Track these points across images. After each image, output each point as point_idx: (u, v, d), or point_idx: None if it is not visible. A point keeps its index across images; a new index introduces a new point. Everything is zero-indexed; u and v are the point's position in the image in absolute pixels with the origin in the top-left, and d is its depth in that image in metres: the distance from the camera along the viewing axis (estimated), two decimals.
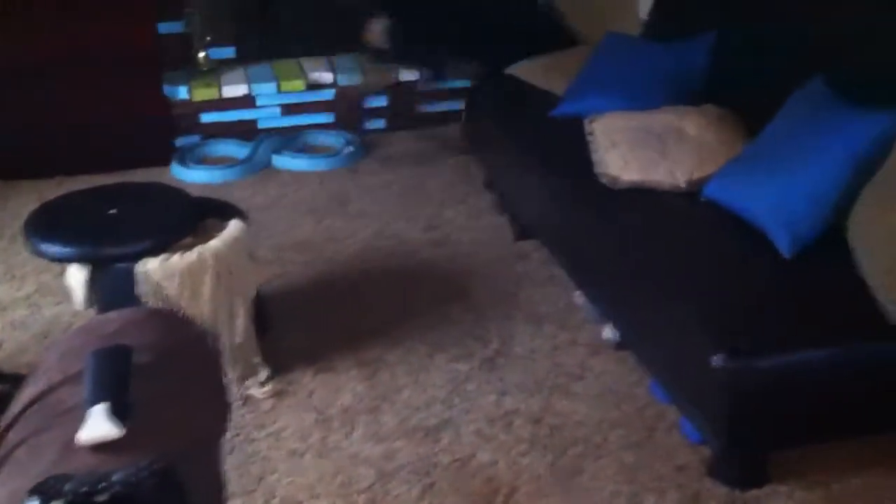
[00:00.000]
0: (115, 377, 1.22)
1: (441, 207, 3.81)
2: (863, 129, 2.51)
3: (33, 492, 1.02)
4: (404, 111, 4.47)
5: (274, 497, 2.37)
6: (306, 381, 2.79)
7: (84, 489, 0.99)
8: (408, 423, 2.62)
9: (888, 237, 2.33)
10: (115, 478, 1.00)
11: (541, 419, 2.62)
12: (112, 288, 2.63)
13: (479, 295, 3.21)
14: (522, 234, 3.50)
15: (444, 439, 2.55)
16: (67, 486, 1.00)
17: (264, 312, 2.92)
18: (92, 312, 2.76)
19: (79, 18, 3.86)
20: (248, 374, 2.73)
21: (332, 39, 4.50)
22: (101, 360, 1.25)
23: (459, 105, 4.22)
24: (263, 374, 2.76)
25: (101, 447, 1.13)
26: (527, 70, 3.78)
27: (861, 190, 2.47)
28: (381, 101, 4.43)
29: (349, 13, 4.50)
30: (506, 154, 3.51)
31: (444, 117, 4.44)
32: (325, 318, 3.10)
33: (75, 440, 1.14)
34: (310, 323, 3.07)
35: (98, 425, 1.14)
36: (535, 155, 3.24)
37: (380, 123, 4.48)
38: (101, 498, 0.98)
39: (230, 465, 2.44)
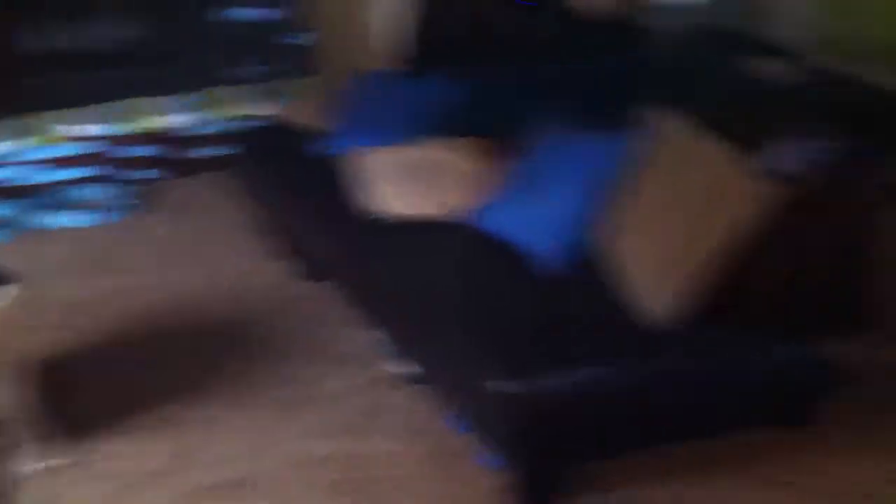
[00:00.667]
0: None
1: (224, 255, 3.78)
2: (601, 152, 2.75)
3: None
4: (175, 159, 4.39)
5: None
6: (107, 447, 2.69)
7: None
8: (214, 478, 2.58)
9: (635, 250, 2.54)
10: None
11: (346, 461, 2.65)
12: None
13: (276, 340, 3.21)
14: (311, 274, 3.52)
15: (247, 493, 2.54)
16: None
17: (55, 380, 2.79)
18: None
19: None
20: (32, 450, 2.62)
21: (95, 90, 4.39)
22: None
23: (231, 150, 4.20)
24: (53, 447, 2.63)
25: None
26: (293, 110, 3.82)
27: (608, 208, 2.66)
28: (150, 151, 4.33)
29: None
30: (281, 197, 3.52)
31: (217, 163, 4.38)
32: (122, 379, 3.00)
33: None
34: (107, 386, 2.95)
35: None
36: (309, 195, 3.30)
37: (152, 173, 4.38)
38: None
39: None
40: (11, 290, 2.58)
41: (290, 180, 3.45)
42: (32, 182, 4.15)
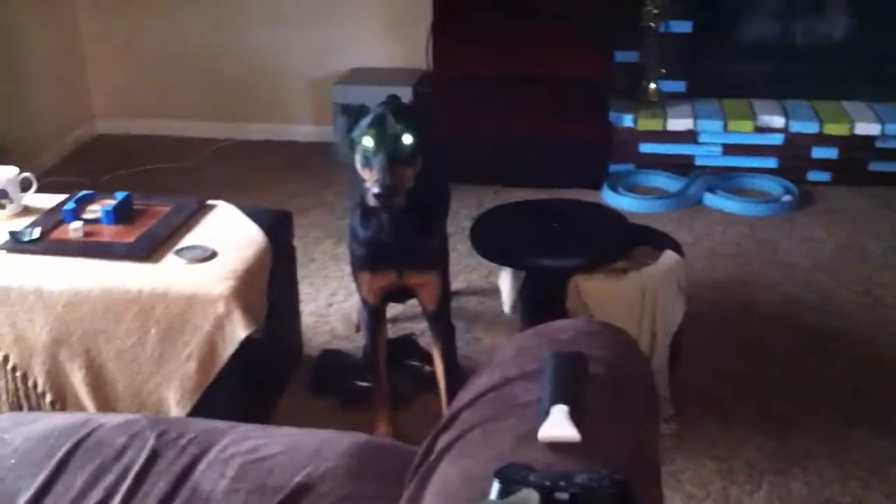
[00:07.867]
0: (573, 382, 1.25)
1: (880, 270, 3.54)
2: None
3: (497, 475, 1.07)
4: (851, 166, 4.20)
5: None
6: (708, 426, 2.71)
7: (546, 483, 1.02)
8: (819, 495, 2.44)
9: None
10: (577, 479, 1.01)
11: None
12: (540, 296, 2.74)
13: None
14: None
15: None
16: (531, 477, 1.04)
17: (676, 349, 2.88)
18: (515, 317, 2.89)
19: (543, 43, 4.06)
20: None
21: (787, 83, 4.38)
22: (560, 363, 1.29)
23: None
24: (669, 410, 2.71)
25: (556, 447, 1.16)
26: None
27: None
28: (830, 153, 4.20)
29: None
30: None
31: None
32: (731, 363, 3.00)
33: (538, 435, 1.18)
34: (714, 366, 2.98)
35: (559, 425, 1.18)
36: None
37: (824, 176, 4.25)
38: (562, 496, 1.00)
39: None
40: (671, 257, 2.67)
41: None
42: (709, 163, 4.28)
